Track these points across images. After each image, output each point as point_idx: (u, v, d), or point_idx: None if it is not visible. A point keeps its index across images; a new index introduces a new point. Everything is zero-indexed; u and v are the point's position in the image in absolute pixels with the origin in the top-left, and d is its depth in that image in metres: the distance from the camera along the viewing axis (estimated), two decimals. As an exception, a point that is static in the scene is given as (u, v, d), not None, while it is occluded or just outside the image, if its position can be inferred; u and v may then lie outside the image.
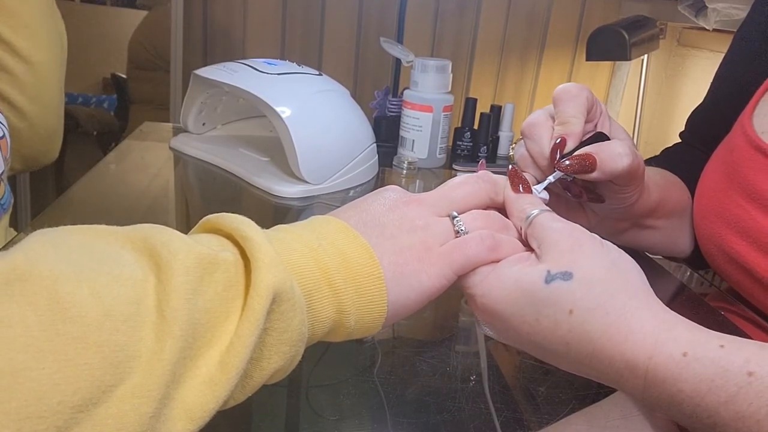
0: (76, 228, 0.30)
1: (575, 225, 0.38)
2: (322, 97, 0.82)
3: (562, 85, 0.47)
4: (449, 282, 0.37)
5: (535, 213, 0.39)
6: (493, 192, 0.42)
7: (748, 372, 0.30)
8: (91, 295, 0.26)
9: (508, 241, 0.39)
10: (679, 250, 0.63)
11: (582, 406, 0.48)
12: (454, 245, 0.37)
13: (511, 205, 0.41)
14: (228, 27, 1.73)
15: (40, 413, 0.23)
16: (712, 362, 0.31)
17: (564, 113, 0.46)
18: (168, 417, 0.27)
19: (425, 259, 0.37)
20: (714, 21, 1.30)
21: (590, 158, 0.44)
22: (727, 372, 0.30)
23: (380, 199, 0.39)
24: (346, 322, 0.34)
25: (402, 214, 0.38)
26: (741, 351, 0.31)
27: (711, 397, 0.30)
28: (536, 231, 0.38)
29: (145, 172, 0.84)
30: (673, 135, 1.63)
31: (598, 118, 0.49)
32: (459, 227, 0.38)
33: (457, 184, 0.41)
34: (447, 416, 0.46)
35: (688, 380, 0.31)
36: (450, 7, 1.73)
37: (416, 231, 0.37)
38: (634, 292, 0.34)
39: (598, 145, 0.45)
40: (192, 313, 0.28)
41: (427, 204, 0.39)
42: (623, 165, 0.44)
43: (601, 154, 0.44)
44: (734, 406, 0.30)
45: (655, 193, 0.55)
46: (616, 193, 0.49)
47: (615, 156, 0.44)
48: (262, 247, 0.31)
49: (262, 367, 0.31)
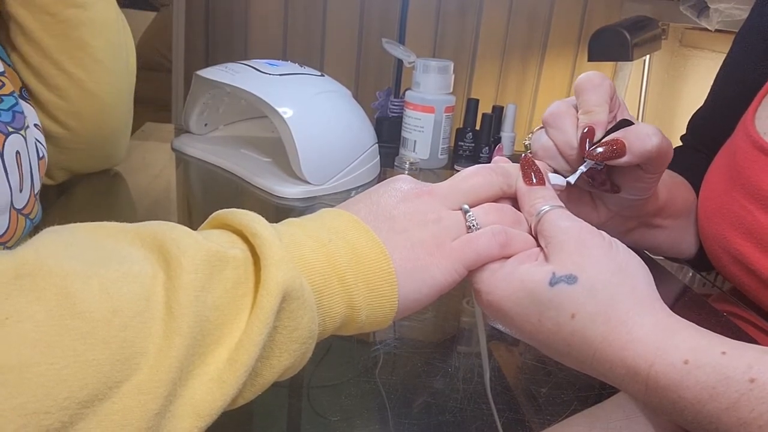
0: (86, 225, 0.30)
1: (584, 224, 0.37)
2: (324, 97, 0.82)
3: (584, 74, 0.46)
4: (461, 277, 0.37)
5: (545, 209, 0.38)
6: (506, 184, 0.41)
7: (750, 379, 0.30)
8: (100, 292, 0.26)
9: (520, 237, 0.38)
10: (684, 250, 0.63)
11: (584, 406, 0.47)
12: (466, 241, 0.37)
13: (523, 198, 0.40)
14: (230, 28, 1.74)
15: (47, 408, 0.23)
16: (714, 369, 0.30)
17: (588, 102, 0.45)
18: (175, 414, 0.27)
19: (437, 253, 0.36)
20: (716, 21, 1.30)
21: (619, 143, 0.42)
22: (728, 379, 0.30)
23: (391, 190, 0.39)
24: (356, 317, 0.34)
25: (413, 206, 0.38)
26: (743, 357, 0.31)
27: (713, 404, 0.30)
28: (545, 229, 0.38)
29: (147, 172, 0.84)
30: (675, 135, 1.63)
31: (617, 109, 0.48)
32: (471, 222, 0.38)
33: (469, 175, 0.40)
34: (449, 417, 0.46)
35: (690, 387, 0.31)
36: (451, 8, 1.73)
37: (428, 225, 0.37)
38: (639, 297, 0.34)
39: (625, 129, 0.44)
40: (200, 310, 0.28)
41: (438, 196, 0.39)
42: (653, 144, 0.43)
43: (630, 137, 0.43)
44: (736, 412, 0.30)
45: (664, 192, 0.54)
46: (638, 182, 0.48)
47: (644, 137, 0.43)
48: (273, 245, 0.30)
49: (272, 365, 0.31)
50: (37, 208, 0.59)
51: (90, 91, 0.67)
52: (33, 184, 0.57)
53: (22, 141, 0.55)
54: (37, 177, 0.59)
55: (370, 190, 0.39)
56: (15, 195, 0.54)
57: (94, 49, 0.66)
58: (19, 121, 0.55)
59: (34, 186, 0.58)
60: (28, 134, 0.56)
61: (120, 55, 0.71)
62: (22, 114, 0.56)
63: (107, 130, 0.73)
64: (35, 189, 0.58)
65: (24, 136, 0.55)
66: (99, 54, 0.67)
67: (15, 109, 0.55)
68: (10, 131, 0.53)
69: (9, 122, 0.54)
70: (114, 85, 0.70)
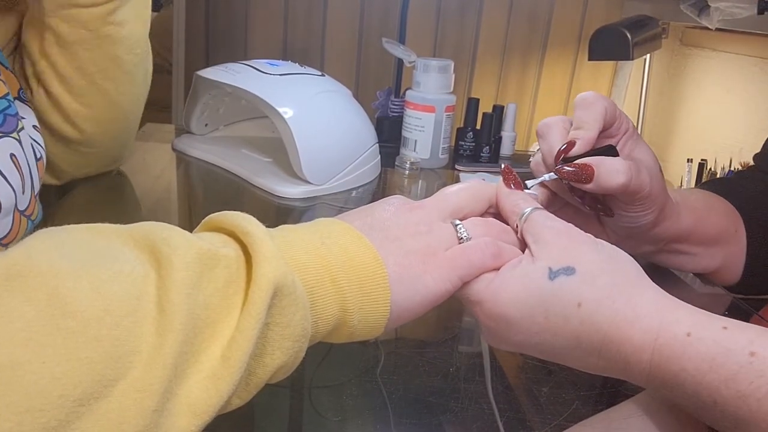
0: (78, 227, 0.30)
1: (569, 224, 0.39)
2: (325, 97, 0.82)
3: (582, 93, 0.48)
4: (454, 287, 0.37)
5: (529, 210, 0.40)
6: (493, 196, 0.43)
7: (750, 352, 0.30)
8: (92, 291, 0.26)
9: (509, 248, 0.39)
10: (724, 277, 0.61)
11: (585, 406, 0.48)
12: (459, 251, 0.38)
13: (504, 199, 0.42)
14: (230, 28, 1.74)
15: (41, 406, 0.23)
16: (715, 342, 0.31)
17: (579, 119, 0.47)
18: (171, 412, 0.27)
19: (430, 262, 0.37)
20: (717, 20, 1.30)
21: (589, 169, 0.45)
22: (729, 351, 0.31)
23: (383, 205, 0.40)
24: (349, 321, 0.34)
25: (406, 219, 0.39)
26: (743, 333, 0.31)
27: (712, 375, 0.31)
28: (532, 227, 0.39)
29: (148, 173, 0.84)
30: (675, 135, 1.63)
31: (621, 135, 0.50)
32: (462, 233, 0.39)
33: (458, 190, 0.42)
34: (450, 416, 0.46)
35: (692, 358, 0.31)
36: (452, 8, 1.73)
37: (420, 235, 0.38)
38: (635, 280, 0.36)
39: (601, 158, 0.46)
40: (192, 308, 0.28)
41: (429, 209, 0.40)
42: (617, 182, 0.45)
43: (601, 167, 0.45)
44: (735, 384, 0.30)
45: (689, 219, 0.54)
46: (624, 211, 0.49)
47: (613, 172, 0.45)
48: (264, 242, 0.31)
49: (265, 363, 0.31)
50: (37, 209, 0.59)
51: (114, 100, 0.68)
52: (33, 185, 0.57)
53: (16, 143, 0.55)
54: (36, 178, 0.59)
55: (362, 207, 0.41)
56: (19, 197, 0.54)
57: (125, 63, 0.67)
58: (10, 125, 0.55)
59: (34, 187, 0.58)
60: (22, 136, 0.56)
61: (145, 66, 0.72)
62: (14, 117, 0.56)
63: (120, 134, 0.73)
64: (35, 190, 0.58)
65: (18, 139, 0.55)
66: (129, 67, 0.68)
67: (6, 112, 0.55)
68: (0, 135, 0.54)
69: None
70: (135, 94, 0.71)
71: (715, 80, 1.47)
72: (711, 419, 0.32)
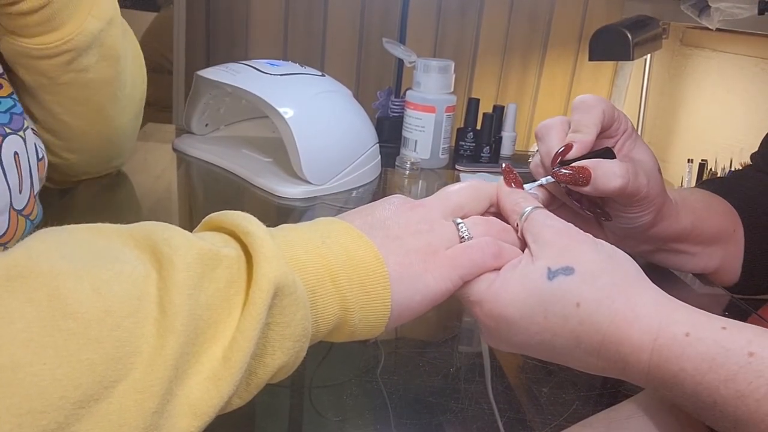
0: (79, 227, 0.30)
1: (569, 224, 0.38)
2: (325, 97, 0.82)
3: (580, 96, 0.48)
4: (455, 286, 0.37)
5: (529, 209, 0.40)
6: (494, 196, 0.43)
7: (749, 352, 0.30)
8: (92, 292, 0.26)
9: (510, 248, 0.39)
10: (723, 278, 0.61)
11: (585, 406, 0.48)
12: (460, 249, 0.38)
13: (505, 198, 0.42)
14: (231, 28, 1.74)
15: (41, 408, 0.23)
16: (714, 342, 0.31)
17: (578, 122, 0.47)
18: (172, 413, 0.27)
19: (431, 261, 0.37)
20: (717, 20, 1.30)
21: (585, 172, 0.45)
22: (728, 351, 0.31)
23: (384, 204, 0.40)
24: (350, 320, 0.34)
25: (407, 217, 0.38)
26: (742, 333, 0.31)
27: (711, 375, 0.31)
28: (532, 226, 0.39)
29: (149, 173, 0.84)
30: (675, 135, 1.63)
31: (620, 135, 0.50)
32: (463, 233, 0.39)
33: (459, 189, 0.42)
34: (450, 417, 0.46)
35: (691, 359, 0.31)
36: (452, 8, 1.73)
37: (421, 234, 0.38)
38: (634, 280, 0.36)
39: (598, 160, 0.46)
40: (193, 308, 0.28)
41: (430, 208, 0.40)
42: (614, 185, 0.45)
43: (598, 170, 0.45)
44: (734, 384, 0.30)
45: (688, 219, 0.54)
46: (622, 212, 0.50)
47: (609, 174, 0.45)
48: (264, 242, 0.31)
49: (265, 363, 0.31)
50: (37, 209, 0.59)
51: (89, 134, 0.67)
52: (33, 185, 0.57)
53: (21, 142, 0.55)
54: (37, 178, 0.59)
55: (363, 206, 0.40)
56: (14, 196, 0.54)
57: (95, 104, 0.65)
58: (17, 123, 0.55)
59: (34, 187, 0.58)
60: (27, 135, 0.56)
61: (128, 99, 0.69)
62: (20, 115, 0.56)
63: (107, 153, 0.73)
64: (35, 190, 0.58)
65: (23, 138, 0.55)
66: (100, 106, 0.65)
67: (13, 111, 0.55)
68: (8, 132, 0.54)
69: (6, 123, 0.54)
70: (118, 124, 0.69)
71: (715, 80, 1.47)
72: (710, 419, 0.32)
